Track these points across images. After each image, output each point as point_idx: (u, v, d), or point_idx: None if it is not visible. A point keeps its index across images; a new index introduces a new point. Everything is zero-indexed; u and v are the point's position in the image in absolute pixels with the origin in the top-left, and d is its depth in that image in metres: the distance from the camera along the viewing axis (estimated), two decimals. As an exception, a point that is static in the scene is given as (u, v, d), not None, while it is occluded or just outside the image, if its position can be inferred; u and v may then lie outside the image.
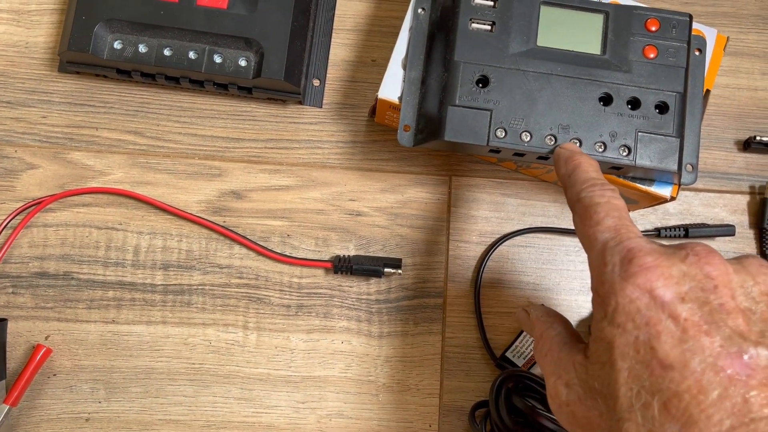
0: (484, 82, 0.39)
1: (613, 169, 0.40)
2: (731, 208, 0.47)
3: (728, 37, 0.44)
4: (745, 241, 0.47)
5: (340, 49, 0.48)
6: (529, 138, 0.38)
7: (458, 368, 0.45)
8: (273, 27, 0.43)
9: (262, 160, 0.46)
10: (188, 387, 0.44)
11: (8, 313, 0.44)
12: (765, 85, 0.49)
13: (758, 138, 0.46)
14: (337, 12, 0.48)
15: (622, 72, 0.39)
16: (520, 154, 0.39)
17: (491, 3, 0.40)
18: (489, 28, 0.39)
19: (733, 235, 0.46)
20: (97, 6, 0.43)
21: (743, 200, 0.47)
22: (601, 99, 0.39)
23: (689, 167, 0.41)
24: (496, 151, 0.39)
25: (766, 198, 0.46)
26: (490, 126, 0.38)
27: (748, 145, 0.47)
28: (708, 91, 0.43)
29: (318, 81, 0.47)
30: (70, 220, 0.45)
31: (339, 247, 0.46)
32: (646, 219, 0.47)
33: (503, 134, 0.38)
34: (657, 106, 0.39)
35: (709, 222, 0.47)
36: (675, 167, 0.39)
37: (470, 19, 0.39)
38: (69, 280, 0.44)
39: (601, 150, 0.39)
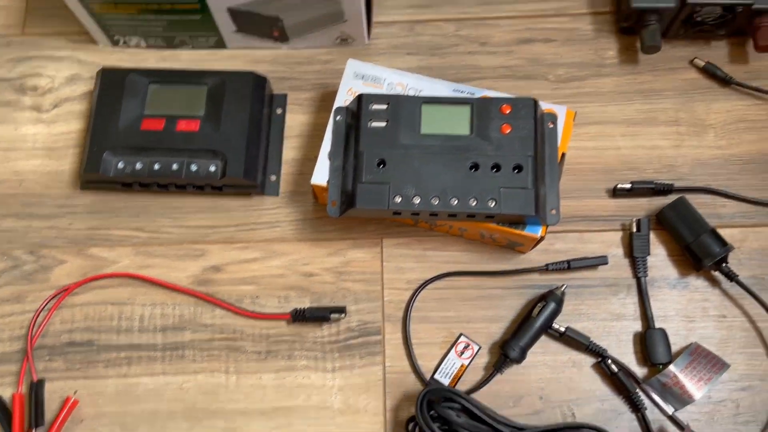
0: (383, 163, 0.53)
1: (488, 218, 0.52)
2: (608, 244, 0.59)
3: (576, 112, 0.57)
4: (622, 269, 0.58)
5: (291, 150, 0.63)
6: (419, 201, 0.51)
7: (397, 390, 0.56)
8: (233, 140, 0.58)
9: (235, 240, 0.60)
10: (184, 422, 0.55)
11: (46, 375, 0.56)
12: (624, 144, 0.61)
13: (619, 186, 0.58)
14: (287, 123, 0.63)
15: (486, 145, 0.53)
16: (416, 214, 0.52)
17: (384, 107, 0.54)
18: (384, 124, 0.54)
19: (606, 263, 0.57)
20: (105, 138, 0.58)
21: (617, 236, 0.59)
22: (471, 167, 0.52)
23: (553, 211, 0.53)
24: (397, 213, 0.52)
25: (632, 233, 0.58)
26: (389, 195, 0.52)
27: (615, 192, 0.59)
28: (564, 153, 0.56)
29: (274, 176, 0.62)
30: (91, 300, 0.59)
31: (297, 302, 0.58)
32: (536, 258, 0.59)
33: (399, 200, 0.52)
34: (515, 168, 0.52)
35: (590, 256, 0.58)
36: (533, 212, 0.51)
37: (370, 120, 0.54)
38: (91, 346, 0.57)
39: (474, 204, 0.51)
